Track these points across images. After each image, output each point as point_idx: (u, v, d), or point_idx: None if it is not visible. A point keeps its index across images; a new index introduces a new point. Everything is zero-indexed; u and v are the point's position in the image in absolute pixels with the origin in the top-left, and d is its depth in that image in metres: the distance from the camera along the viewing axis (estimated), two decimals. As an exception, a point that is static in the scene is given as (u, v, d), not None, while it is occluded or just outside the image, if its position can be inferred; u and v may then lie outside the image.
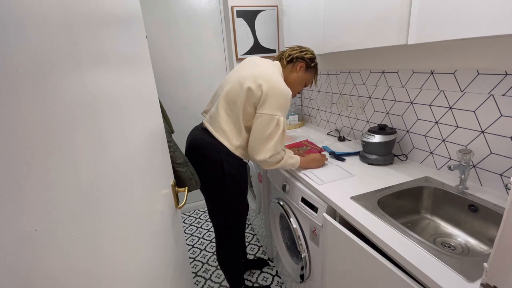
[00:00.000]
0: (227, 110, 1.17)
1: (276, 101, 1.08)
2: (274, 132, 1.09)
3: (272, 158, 1.12)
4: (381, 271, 0.74)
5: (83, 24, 0.43)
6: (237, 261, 1.47)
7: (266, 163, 1.14)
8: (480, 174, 0.99)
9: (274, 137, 1.09)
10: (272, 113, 1.08)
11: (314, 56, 1.28)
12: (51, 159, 0.33)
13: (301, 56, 1.24)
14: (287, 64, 1.25)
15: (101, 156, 0.45)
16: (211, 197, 1.30)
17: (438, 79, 1.09)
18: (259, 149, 1.11)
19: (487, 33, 0.70)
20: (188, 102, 2.26)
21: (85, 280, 0.38)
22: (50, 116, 0.34)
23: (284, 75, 1.25)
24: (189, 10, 2.08)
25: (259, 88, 1.09)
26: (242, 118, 1.13)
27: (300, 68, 1.25)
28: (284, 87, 1.12)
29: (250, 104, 1.11)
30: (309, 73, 1.28)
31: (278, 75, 1.17)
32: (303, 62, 1.24)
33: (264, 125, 1.09)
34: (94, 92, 0.44)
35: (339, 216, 0.96)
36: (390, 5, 0.96)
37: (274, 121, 1.08)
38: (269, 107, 1.08)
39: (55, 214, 0.33)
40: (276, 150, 1.11)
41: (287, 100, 1.11)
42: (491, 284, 0.43)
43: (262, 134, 1.09)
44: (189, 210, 2.54)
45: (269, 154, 1.10)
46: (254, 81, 1.10)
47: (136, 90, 0.65)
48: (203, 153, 1.20)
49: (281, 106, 1.09)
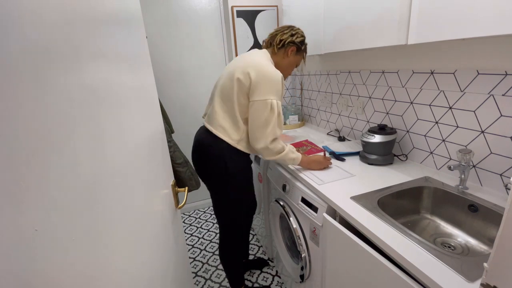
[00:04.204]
0: (223, 107, 1.18)
1: (266, 86, 1.09)
2: (269, 116, 1.09)
3: (273, 145, 1.12)
4: (381, 271, 0.74)
5: (83, 24, 0.43)
6: (238, 260, 1.48)
7: (267, 151, 1.13)
8: (480, 174, 0.99)
9: (271, 121, 1.09)
10: (264, 98, 1.08)
11: (304, 37, 1.27)
12: (51, 159, 0.33)
13: (292, 41, 1.22)
14: (278, 50, 1.23)
15: (101, 156, 0.45)
16: (216, 194, 1.31)
17: (438, 79, 1.09)
18: (259, 136, 1.12)
19: (487, 33, 0.70)
20: (188, 102, 2.26)
21: (85, 280, 0.38)
22: (50, 116, 0.34)
23: (276, 61, 1.24)
24: (189, 10, 2.08)
25: (247, 76, 1.09)
26: (238, 110, 1.14)
27: (291, 52, 1.24)
28: (273, 71, 1.12)
29: (243, 94, 1.12)
30: (300, 55, 1.28)
31: (266, 61, 1.17)
32: (294, 46, 1.23)
33: (259, 111, 1.09)
34: (94, 92, 0.44)
35: (339, 216, 0.96)
36: (390, 5, 0.96)
37: (267, 106, 1.08)
38: (260, 93, 1.08)
39: (55, 214, 0.33)
40: (275, 135, 1.11)
41: (277, 83, 1.11)
42: (491, 284, 0.43)
43: (259, 121, 1.10)
44: (189, 210, 2.54)
45: (270, 139, 1.10)
46: (242, 72, 1.11)
47: (136, 90, 0.65)
48: (206, 152, 1.22)
49: (272, 89, 1.09)
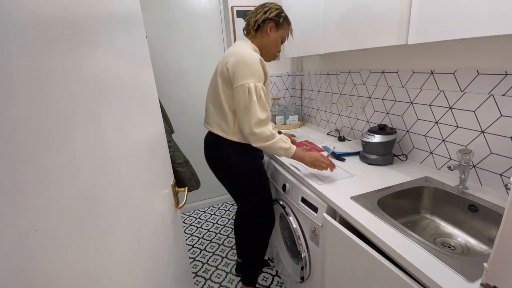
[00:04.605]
0: (214, 104, 1.21)
1: (242, 70, 1.07)
2: (248, 100, 1.06)
3: (259, 130, 1.08)
4: (381, 271, 0.74)
5: (83, 24, 0.43)
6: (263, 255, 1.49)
7: (254, 136, 1.09)
8: (480, 174, 0.99)
9: (250, 105, 1.06)
10: (241, 83, 1.06)
11: (280, 8, 1.21)
12: (51, 159, 0.33)
13: (266, 18, 1.17)
14: (256, 33, 1.20)
15: (101, 156, 0.45)
16: (232, 191, 1.36)
17: (438, 79, 1.09)
18: (243, 122, 1.10)
19: (487, 33, 0.70)
20: (188, 102, 2.27)
21: (84, 280, 0.38)
22: (50, 116, 0.34)
23: (257, 44, 1.21)
24: (189, 10, 2.08)
25: (225, 67, 1.10)
26: (225, 102, 1.15)
27: (270, 29, 1.19)
28: (248, 54, 1.10)
29: (227, 86, 1.13)
30: (282, 29, 1.22)
31: (244, 48, 1.15)
32: (271, 22, 1.18)
33: (238, 97, 1.08)
34: (94, 92, 0.44)
35: (339, 216, 0.96)
36: (390, 5, 0.96)
37: (245, 90, 1.06)
38: (238, 79, 1.07)
39: (55, 214, 0.33)
40: (258, 118, 1.08)
41: (254, 65, 1.08)
42: (491, 284, 0.43)
43: (240, 106, 1.09)
44: (189, 210, 2.54)
45: (252, 122, 1.07)
46: (222, 65, 1.13)
47: (136, 90, 0.65)
48: (212, 152, 1.30)
49: (249, 72, 1.07)
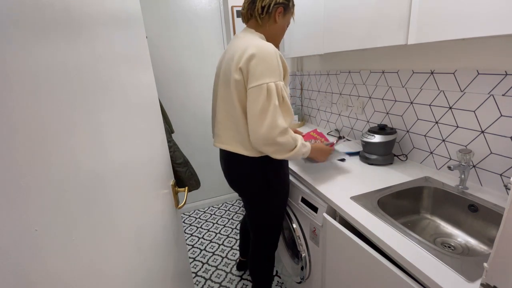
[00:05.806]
0: (229, 118, 1.02)
1: (258, 67, 0.88)
2: (266, 104, 0.88)
3: (283, 139, 0.90)
4: (381, 271, 0.74)
5: (82, 24, 0.43)
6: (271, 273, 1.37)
7: (276, 147, 0.91)
8: (480, 174, 0.99)
9: (269, 109, 0.88)
10: (258, 83, 0.88)
11: None
12: (51, 159, 0.33)
13: (276, 2, 0.99)
14: (262, 20, 1.02)
15: (101, 156, 0.45)
16: (256, 209, 1.17)
17: (438, 79, 1.09)
18: (256, 129, 0.90)
19: (487, 33, 0.70)
20: (188, 102, 2.26)
21: (84, 280, 0.38)
22: (50, 115, 0.34)
23: (264, 33, 1.04)
24: (189, 10, 2.08)
25: (240, 70, 0.91)
26: (244, 114, 0.97)
27: (279, 15, 1.02)
28: (265, 46, 0.91)
29: (244, 92, 0.94)
30: (288, 13, 1.06)
31: (257, 39, 0.97)
32: (280, 7, 1.01)
33: (253, 99, 0.89)
34: (94, 92, 0.44)
35: (339, 216, 0.96)
36: (390, 5, 0.96)
37: (263, 91, 0.87)
38: (253, 78, 0.88)
39: (55, 214, 0.33)
40: (282, 126, 0.89)
41: (272, 59, 0.90)
42: (491, 284, 0.43)
43: (254, 111, 0.89)
44: (189, 210, 2.54)
45: (277, 131, 0.89)
46: (233, 64, 0.93)
47: (136, 90, 0.65)
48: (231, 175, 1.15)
49: (269, 70, 0.89)
